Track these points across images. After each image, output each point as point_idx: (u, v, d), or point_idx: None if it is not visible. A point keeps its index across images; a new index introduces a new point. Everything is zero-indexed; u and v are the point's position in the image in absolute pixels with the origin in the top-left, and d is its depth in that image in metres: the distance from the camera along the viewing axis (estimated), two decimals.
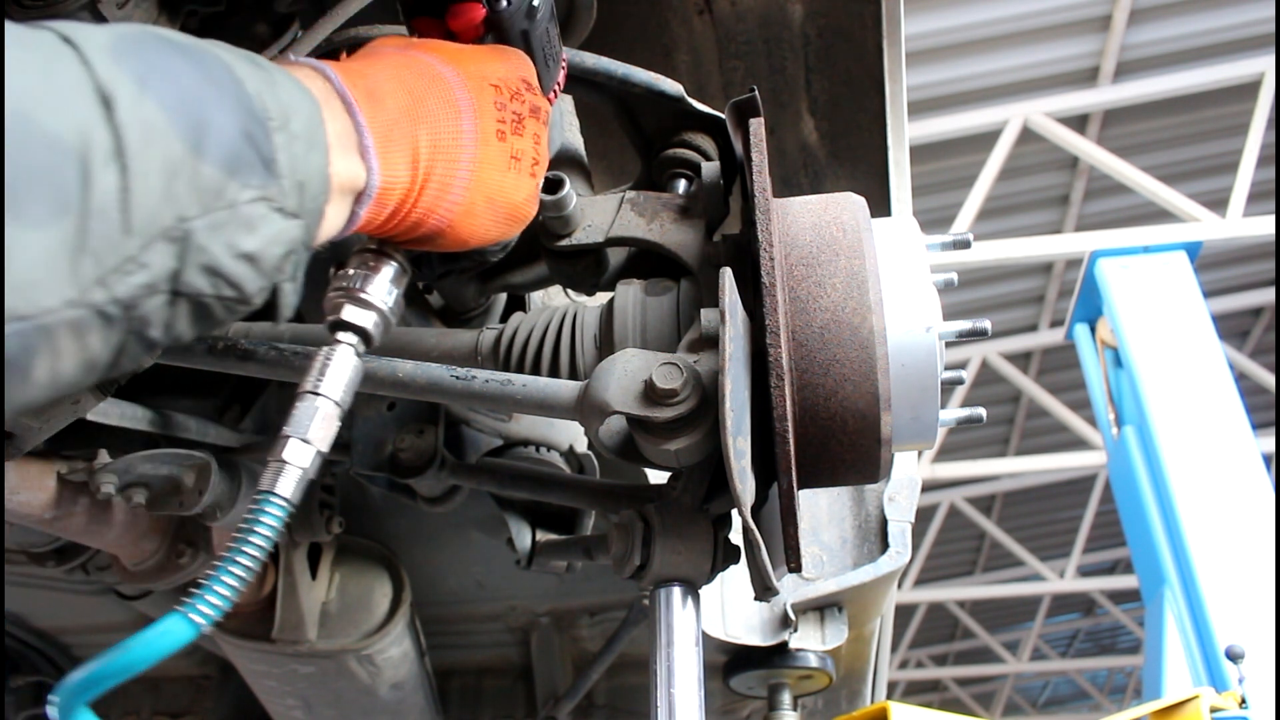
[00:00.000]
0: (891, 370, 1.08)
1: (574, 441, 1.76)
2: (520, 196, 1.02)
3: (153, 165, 0.66)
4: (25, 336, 0.61)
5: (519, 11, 1.05)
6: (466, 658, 2.68)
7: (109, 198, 0.63)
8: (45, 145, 0.60)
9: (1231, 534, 5.32)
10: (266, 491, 0.85)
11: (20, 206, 0.59)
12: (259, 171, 0.73)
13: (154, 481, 1.55)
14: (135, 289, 0.66)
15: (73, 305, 0.63)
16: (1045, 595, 14.84)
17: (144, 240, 0.66)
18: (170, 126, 0.67)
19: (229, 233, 0.72)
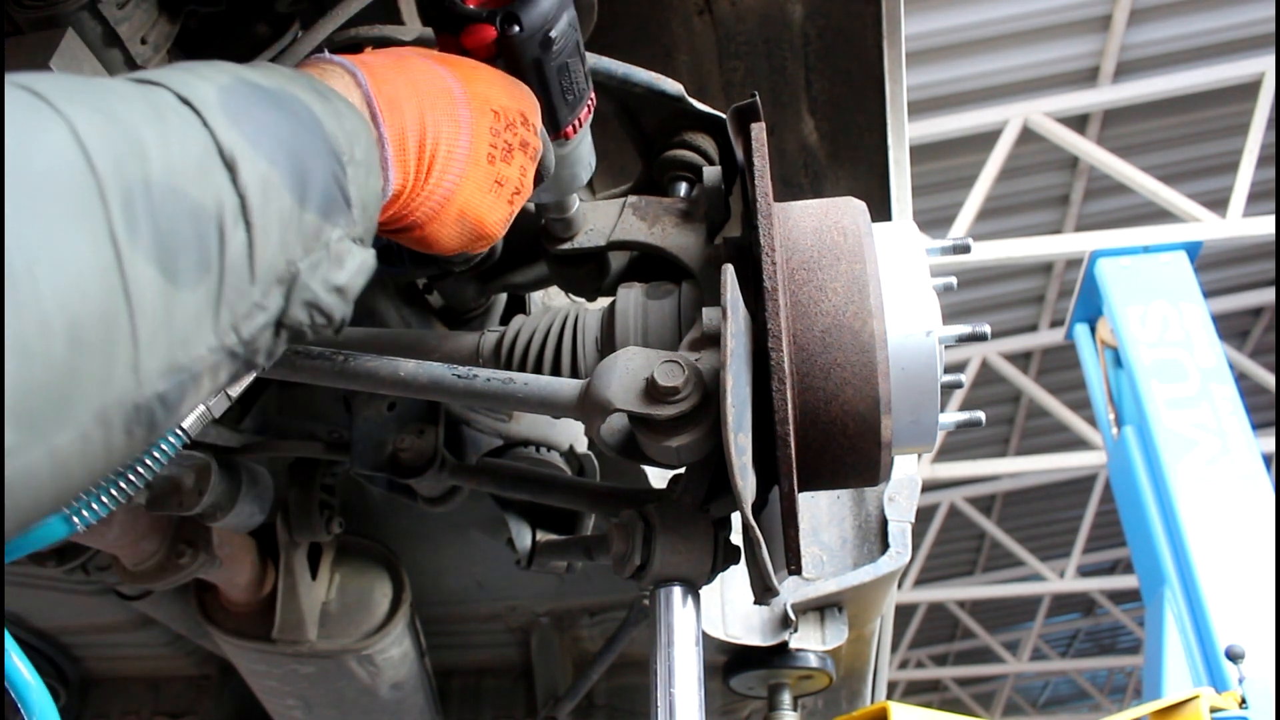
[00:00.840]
0: (892, 374, 1.08)
1: (574, 441, 1.76)
2: (492, 219, 1.04)
3: (271, 220, 0.72)
4: (184, 383, 0.67)
5: (531, 40, 1.05)
6: (466, 658, 2.68)
7: (239, 254, 0.69)
8: (191, 215, 0.66)
9: (1231, 534, 5.32)
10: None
11: (177, 273, 0.64)
12: (344, 210, 0.80)
13: (154, 481, 1.55)
14: (257, 329, 0.73)
15: (214, 351, 0.69)
16: (1045, 595, 14.84)
17: (265, 287, 0.73)
18: (282, 183, 0.73)
19: (324, 270, 0.78)
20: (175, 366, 0.65)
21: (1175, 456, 5.61)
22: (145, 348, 0.62)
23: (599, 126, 1.28)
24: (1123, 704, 18.01)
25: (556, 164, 1.16)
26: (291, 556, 2.00)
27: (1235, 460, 5.59)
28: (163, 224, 0.63)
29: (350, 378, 1.18)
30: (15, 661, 0.93)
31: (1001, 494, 13.32)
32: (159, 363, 0.64)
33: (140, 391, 0.63)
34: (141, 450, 0.67)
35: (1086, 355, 6.78)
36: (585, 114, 1.17)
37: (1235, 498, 5.46)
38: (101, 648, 2.53)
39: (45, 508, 0.59)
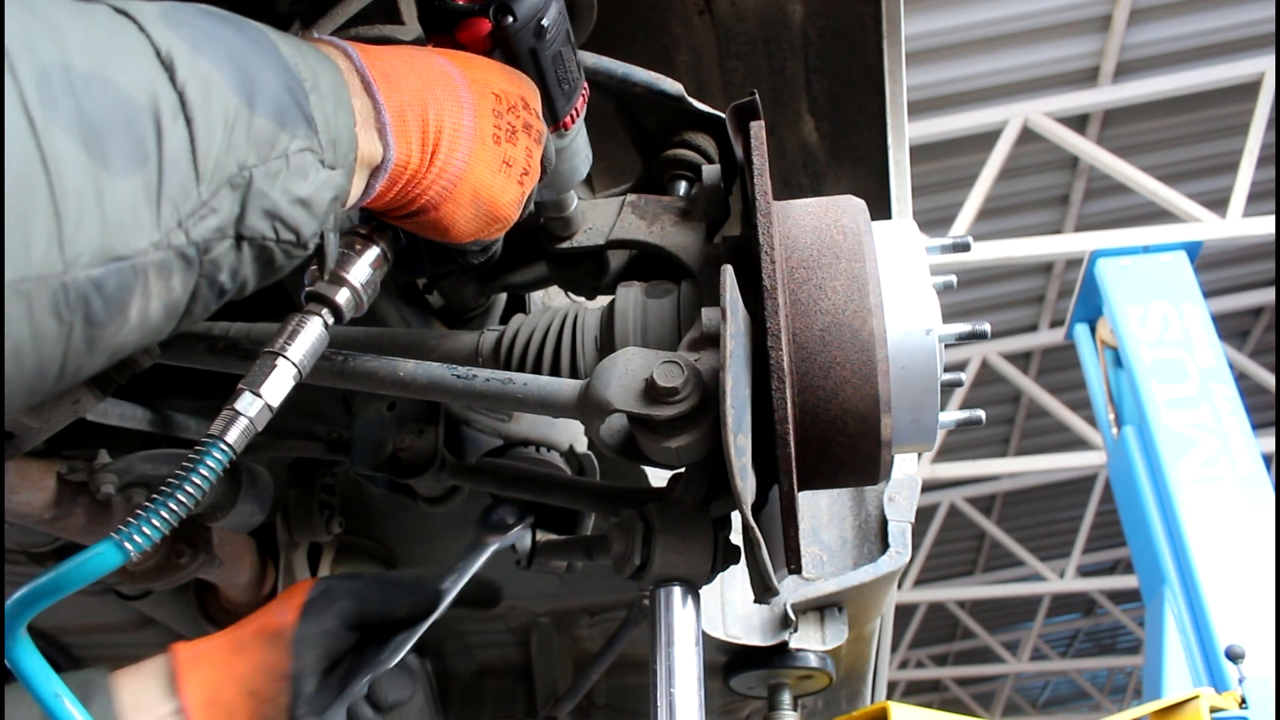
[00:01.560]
0: (892, 373, 1.08)
1: (574, 441, 1.76)
2: (505, 199, 1.04)
3: (214, 118, 0.71)
4: (123, 275, 0.66)
5: (526, 30, 1.06)
6: (466, 658, 2.68)
7: (179, 148, 0.69)
8: (120, 102, 0.65)
9: (1231, 534, 5.32)
10: (214, 436, 0.89)
11: (107, 157, 0.64)
12: (303, 125, 0.79)
13: (154, 481, 1.55)
14: (208, 232, 0.72)
15: (158, 247, 0.68)
16: (1045, 595, 14.85)
17: (213, 187, 0.71)
18: (225, 83, 0.73)
19: (284, 180, 0.77)
20: (110, 253, 0.64)
21: (1175, 456, 5.61)
22: (71, 224, 0.61)
23: (599, 126, 1.28)
24: (1123, 704, 18.01)
25: (556, 157, 1.16)
26: (291, 556, 1.99)
27: (1235, 460, 5.59)
28: (87, 107, 0.63)
29: (350, 378, 1.18)
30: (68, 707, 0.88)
31: (1001, 494, 13.33)
32: (89, 244, 0.63)
33: (69, 271, 0.62)
34: (83, 347, 0.66)
35: (1086, 355, 6.79)
36: (581, 104, 1.17)
37: (1235, 498, 5.46)
38: (101, 648, 2.53)
39: None
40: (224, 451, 0.88)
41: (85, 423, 1.32)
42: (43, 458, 1.50)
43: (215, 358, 1.23)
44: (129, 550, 0.82)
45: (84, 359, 0.67)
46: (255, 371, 0.94)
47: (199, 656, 1.21)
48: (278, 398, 0.94)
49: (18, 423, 1.21)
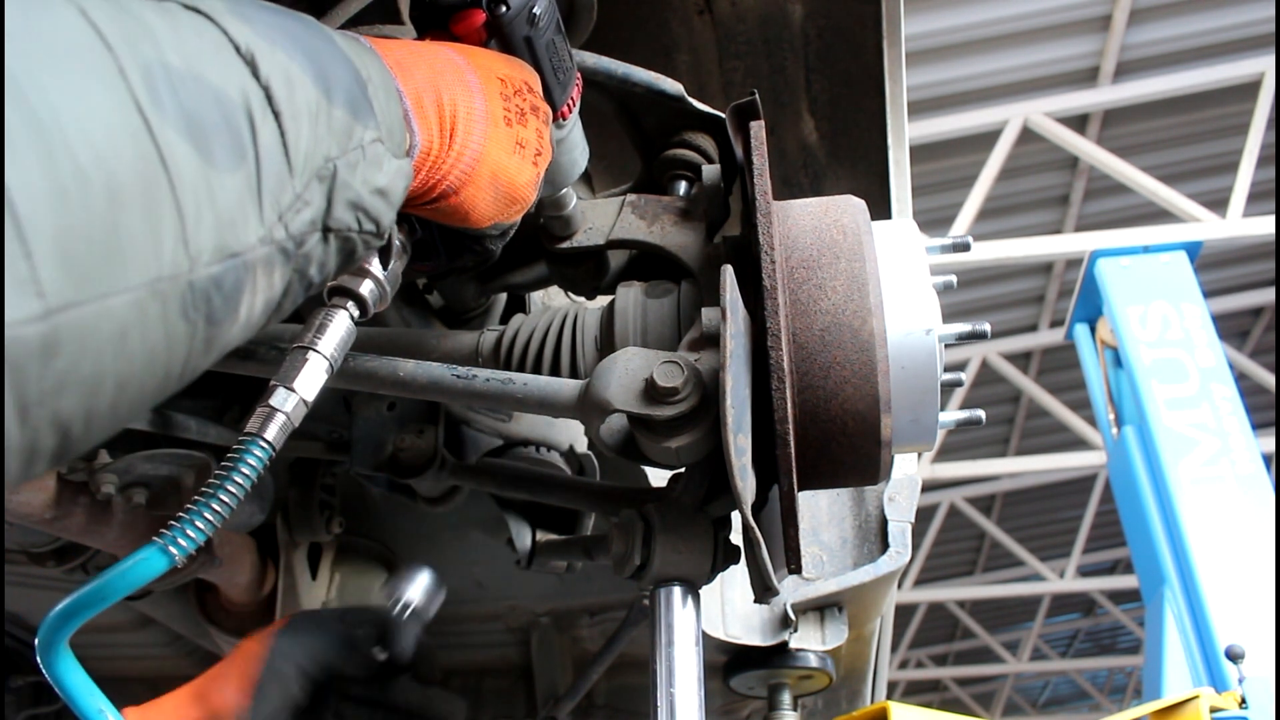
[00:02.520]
0: (892, 373, 1.08)
1: (574, 441, 1.76)
2: (522, 179, 1.04)
3: (300, 111, 0.71)
4: (238, 271, 0.66)
5: (519, 18, 1.06)
6: (466, 658, 2.68)
7: (273, 143, 0.69)
8: (215, 99, 0.65)
9: (1231, 534, 5.32)
10: (253, 434, 0.88)
11: (212, 154, 0.63)
12: (371, 117, 0.79)
13: (154, 481, 1.55)
14: (304, 225, 0.72)
15: (264, 242, 0.68)
16: (1045, 595, 14.85)
17: (305, 180, 0.72)
18: (304, 76, 0.73)
19: (363, 170, 0.78)
20: (226, 250, 0.64)
21: (1175, 456, 5.61)
22: (192, 222, 0.61)
23: (599, 126, 1.28)
24: (1123, 704, 18.01)
25: (555, 149, 1.16)
26: (291, 556, 1.99)
27: (1235, 460, 5.59)
28: (188, 104, 0.62)
29: (350, 378, 1.18)
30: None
31: (1001, 494, 13.32)
32: (208, 241, 0.62)
33: (194, 270, 0.61)
34: (203, 347, 0.65)
35: (1086, 355, 6.79)
36: (576, 93, 1.18)
37: (1235, 498, 5.46)
38: (101, 648, 2.53)
39: (106, 386, 0.57)
40: (264, 449, 0.87)
41: None
42: None
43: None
44: (174, 555, 0.81)
45: (201, 359, 0.67)
46: (287, 367, 0.93)
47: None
48: (312, 391, 0.93)
49: None
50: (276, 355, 1.19)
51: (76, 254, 0.53)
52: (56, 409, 0.54)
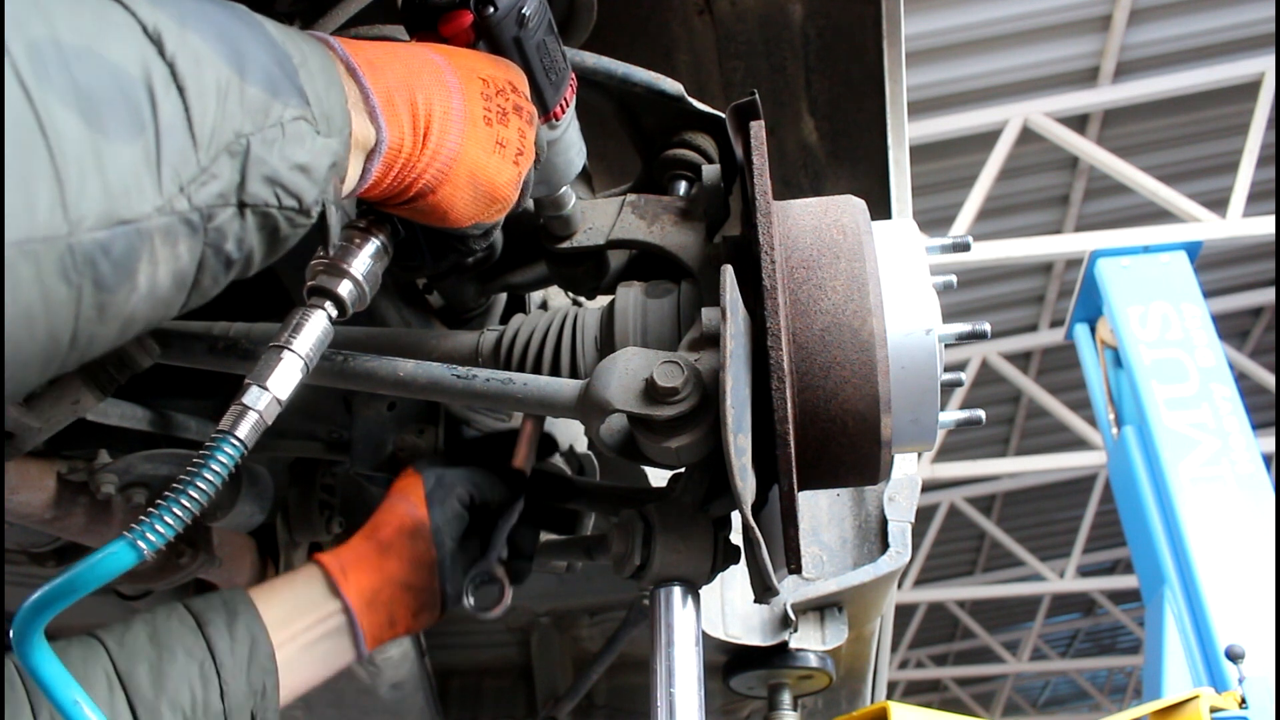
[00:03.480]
0: (892, 372, 1.08)
1: (574, 441, 1.76)
2: (502, 179, 1.04)
3: (207, 87, 0.72)
4: (129, 238, 0.67)
5: (508, 18, 1.06)
6: (466, 658, 2.68)
7: (175, 117, 0.70)
8: (111, 74, 0.66)
9: (1231, 534, 5.32)
10: (224, 432, 0.88)
11: (104, 125, 0.64)
12: (295, 95, 0.80)
13: (154, 481, 1.55)
14: (210, 198, 0.72)
15: (162, 212, 0.69)
16: (1045, 595, 14.84)
17: (211, 154, 0.72)
18: (214, 54, 0.74)
19: (281, 146, 0.78)
20: (114, 216, 0.65)
21: (1175, 456, 5.61)
22: (74, 188, 0.62)
23: (599, 126, 1.28)
24: (1123, 704, 18.01)
25: (550, 150, 1.16)
26: (291, 556, 1.99)
27: (1235, 460, 5.58)
28: (80, 78, 0.64)
29: (350, 378, 1.18)
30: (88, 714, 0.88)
31: (1001, 494, 13.32)
32: (93, 208, 0.64)
33: (74, 234, 0.63)
34: (94, 313, 0.66)
35: (1086, 355, 6.78)
36: (570, 94, 1.17)
37: (1235, 498, 5.45)
38: None
39: None
40: (235, 446, 0.87)
41: (85, 423, 1.32)
42: (43, 458, 1.50)
43: (215, 358, 1.23)
44: (142, 549, 0.81)
45: (95, 327, 0.68)
46: (261, 366, 0.93)
47: (348, 563, 1.26)
48: (286, 390, 0.93)
49: (18, 423, 1.21)
50: None
51: None
52: None
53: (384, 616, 1.26)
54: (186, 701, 1.10)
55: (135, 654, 1.10)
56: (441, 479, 1.33)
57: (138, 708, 1.07)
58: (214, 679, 1.12)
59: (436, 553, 1.28)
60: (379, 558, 1.27)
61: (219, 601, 1.19)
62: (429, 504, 1.31)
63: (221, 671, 1.13)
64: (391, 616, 1.27)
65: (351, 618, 1.23)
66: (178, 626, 1.14)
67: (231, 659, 1.14)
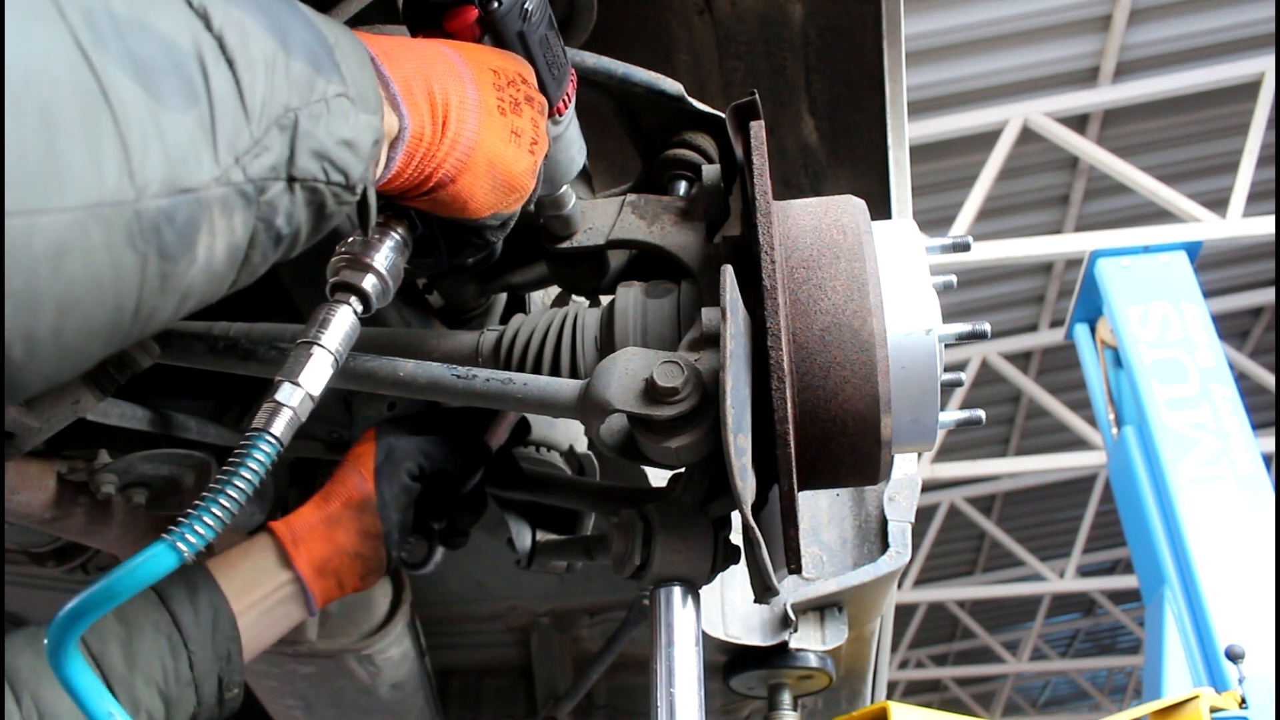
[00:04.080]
0: (892, 372, 1.08)
1: (574, 441, 1.76)
2: (519, 168, 1.05)
3: (255, 60, 0.72)
4: (191, 207, 0.66)
5: (511, 13, 1.06)
6: (466, 658, 2.68)
7: (226, 89, 0.69)
8: (163, 45, 0.66)
9: (1231, 534, 5.32)
10: (259, 430, 0.88)
11: (161, 94, 0.64)
12: (335, 73, 0.80)
13: (154, 481, 1.55)
14: (263, 170, 0.72)
15: (220, 183, 0.68)
16: (1045, 595, 14.84)
17: (263, 126, 0.72)
18: (259, 28, 0.73)
19: (327, 122, 0.78)
20: (177, 184, 0.65)
21: (1175, 456, 5.60)
22: (137, 155, 0.62)
23: (599, 126, 1.28)
24: (1123, 704, 18.01)
25: (552, 146, 1.16)
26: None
27: (1235, 460, 5.58)
28: (134, 47, 0.63)
29: (350, 378, 1.18)
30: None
31: (1001, 494, 13.32)
32: (156, 174, 0.63)
33: (140, 200, 0.62)
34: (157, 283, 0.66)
35: (1086, 355, 6.78)
36: (571, 89, 1.18)
37: (1235, 498, 5.45)
38: None
39: (45, 307, 0.58)
40: (270, 443, 0.87)
41: (85, 423, 1.32)
42: (43, 458, 1.50)
43: (215, 358, 1.23)
44: (183, 551, 0.81)
45: (158, 298, 0.67)
46: (292, 362, 0.93)
47: (300, 533, 1.33)
48: (318, 386, 0.93)
49: (18, 423, 1.21)
50: (277, 355, 1.19)
51: (7, 167, 0.54)
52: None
53: (333, 582, 1.34)
54: (159, 674, 1.14)
55: (105, 634, 1.12)
56: (392, 452, 1.39)
57: (114, 685, 1.10)
58: (182, 650, 1.17)
59: (382, 526, 1.36)
60: (328, 529, 1.34)
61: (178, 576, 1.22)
62: (377, 478, 1.37)
63: (189, 643, 1.17)
64: (340, 581, 1.35)
65: (303, 586, 1.31)
66: (142, 603, 1.17)
67: (196, 630, 1.19)
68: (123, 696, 1.10)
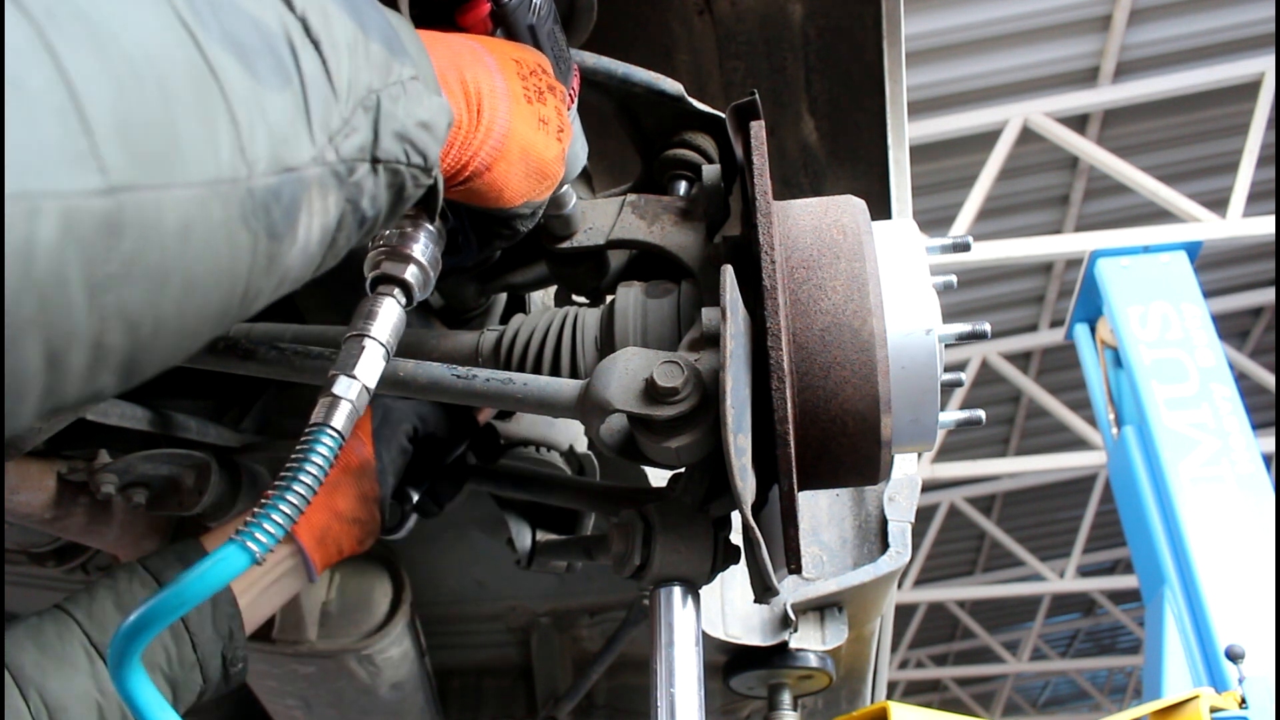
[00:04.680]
0: (892, 373, 1.08)
1: (574, 441, 1.76)
2: (550, 155, 1.05)
3: (338, 41, 0.72)
4: (294, 186, 0.66)
5: (522, 6, 1.07)
6: (466, 658, 2.68)
7: (315, 70, 0.69)
8: (255, 26, 0.65)
9: (1231, 534, 5.32)
10: (319, 424, 0.87)
11: (259, 73, 0.63)
12: (407, 56, 0.80)
13: (154, 481, 1.55)
14: (353, 150, 0.73)
15: (317, 162, 0.68)
16: (1045, 595, 14.84)
17: (350, 107, 0.72)
18: (339, 9, 0.73)
19: (405, 104, 0.78)
20: (281, 163, 0.64)
21: (1175, 456, 5.61)
22: (246, 131, 0.61)
23: (599, 126, 1.28)
24: (1123, 704, 18.01)
25: None
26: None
27: (1235, 460, 5.59)
28: (230, 27, 0.62)
29: None
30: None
31: (1001, 494, 13.32)
32: (264, 151, 0.62)
33: (252, 177, 0.61)
34: (264, 263, 0.65)
35: (1086, 355, 6.78)
36: (575, 84, 1.18)
37: (1235, 498, 5.46)
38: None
39: (173, 283, 0.56)
40: (332, 436, 0.87)
41: (85, 423, 1.32)
42: (43, 458, 1.50)
43: (215, 358, 1.22)
44: (254, 551, 0.80)
45: (263, 279, 0.66)
46: (344, 356, 0.93)
47: None
48: (373, 378, 0.93)
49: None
50: (277, 355, 1.19)
51: (136, 140, 0.53)
52: (123, 298, 0.53)
53: (332, 549, 1.35)
54: (162, 659, 1.14)
55: (105, 624, 1.13)
56: (389, 414, 1.39)
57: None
58: (184, 633, 1.17)
59: (380, 490, 1.36)
60: (327, 496, 1.34)
61: (173, 557, 1.23)
62: (376, 441, 1.37)
63: (189, 625, 1.17)
64: (339, 548, 1.36)
65: (305, 556, 1.31)
66: (139, 589, 1.17)
67: (196, 612, 1.18)
68: None
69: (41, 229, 0.48)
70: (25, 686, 1.04)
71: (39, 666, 1.06)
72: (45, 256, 0.48)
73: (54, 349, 0.50)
